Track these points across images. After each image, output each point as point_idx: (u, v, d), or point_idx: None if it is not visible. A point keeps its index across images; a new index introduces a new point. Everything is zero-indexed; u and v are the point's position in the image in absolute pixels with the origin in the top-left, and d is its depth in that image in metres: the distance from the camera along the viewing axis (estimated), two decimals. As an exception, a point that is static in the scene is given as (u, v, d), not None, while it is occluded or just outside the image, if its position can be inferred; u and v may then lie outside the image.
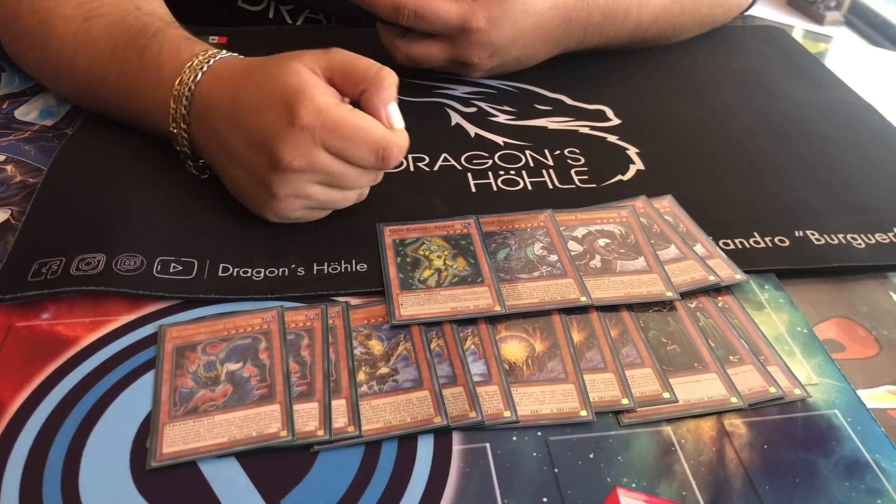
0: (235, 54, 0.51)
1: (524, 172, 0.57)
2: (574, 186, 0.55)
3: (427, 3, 0.58)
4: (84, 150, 0.55)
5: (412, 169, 0.56)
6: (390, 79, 0.46)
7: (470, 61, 0.62)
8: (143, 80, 0.51)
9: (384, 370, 0.41)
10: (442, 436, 0.38)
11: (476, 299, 0.44)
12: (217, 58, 0.50)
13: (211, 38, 0.70)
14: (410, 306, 0.44)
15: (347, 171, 0.46)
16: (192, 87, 0.49)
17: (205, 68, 0.49)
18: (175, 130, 0.50)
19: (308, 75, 0.45)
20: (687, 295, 0.46)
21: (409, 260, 0.47)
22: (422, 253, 0.48)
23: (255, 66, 0.48)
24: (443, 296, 0.45)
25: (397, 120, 0.47)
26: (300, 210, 0.48)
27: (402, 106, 0.47)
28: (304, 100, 0.44)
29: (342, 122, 0.44)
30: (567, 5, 0.64)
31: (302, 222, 0.49)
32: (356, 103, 0.47)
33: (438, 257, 0.47)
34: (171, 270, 0.45)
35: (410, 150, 0.57)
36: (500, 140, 0.61)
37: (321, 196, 0.47)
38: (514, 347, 0.42)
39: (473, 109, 0.65)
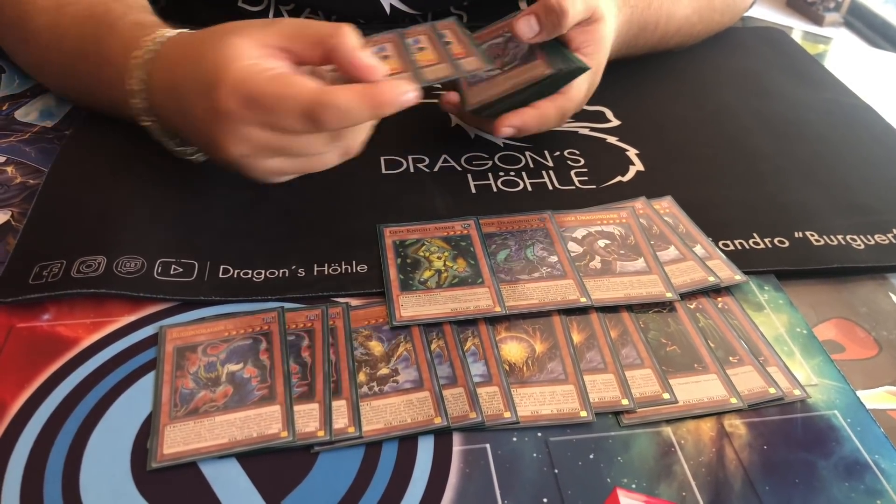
0: (185, 30, 0.48)
1: (524, 173, 0.57)
2: (574, 187, 0.55)
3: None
4: (84, 153, 0.55)
5: (412, 170, 0.56)
6: (347, 27, 0.42)
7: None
8: (104, 76, 0.50)
9: (384, 371, 0.41)
10: (442, 436, 0.38)
11: (476, 300, 0.45)
12: (161, 41, 0.46)
13: None
14: (411, 307, 0.44)
15: (293, 141, 0.43)
16: (141, 83, 0.47)
17: (146, 62, 0.46)
18: (146, 123, 0.49)
19: (235, 49, 0.41)
20: (687, 296, 0.46)
21: (409, 261, 0.47)
22: (422, 254, 0.48)
23: (193, 47, 0.44)
24: (443, 297, 0.45)
25: (375, 69, 0.42)
26: (281, 176, 0.47)
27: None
28: (222, 79, 0.40)
29: (262, 94, 0.40)
30: (621, 28, 0.63)
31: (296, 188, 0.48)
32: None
33: (439, 258, 0.48)
34: (172, 272, 0.45)
35: (410, 151, 0.58)
36: (499, 141, 0.61)
37: (289, 167, 0.46)
38: (514, 348, 0.42)
39: (473, 111, 0.65)
